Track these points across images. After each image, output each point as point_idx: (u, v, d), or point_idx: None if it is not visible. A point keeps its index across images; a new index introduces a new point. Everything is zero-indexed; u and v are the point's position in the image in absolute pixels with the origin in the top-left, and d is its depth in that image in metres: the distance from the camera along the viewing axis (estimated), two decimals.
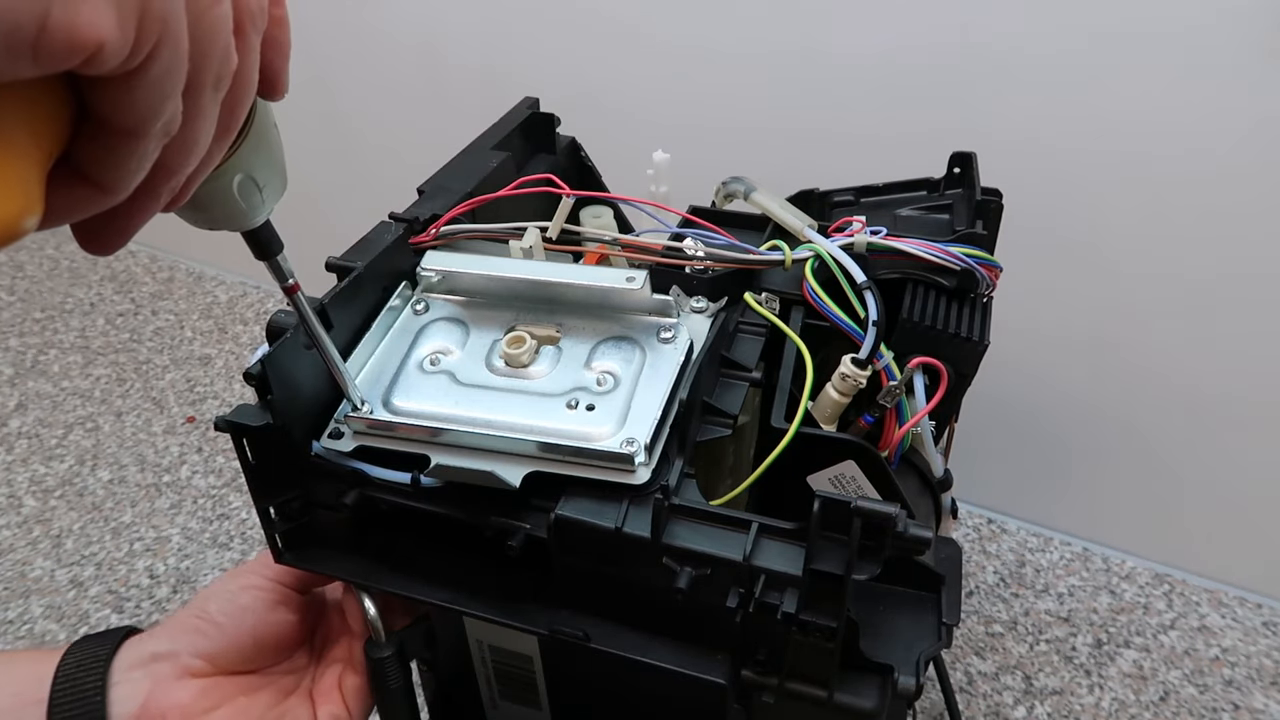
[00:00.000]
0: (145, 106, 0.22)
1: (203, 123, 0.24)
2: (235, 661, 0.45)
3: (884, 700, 0.38)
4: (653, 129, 0.84)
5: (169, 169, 0.24)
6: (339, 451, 0.42)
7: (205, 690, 0.44)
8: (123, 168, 0.23)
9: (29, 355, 1.11)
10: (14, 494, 0.92)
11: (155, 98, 0.22)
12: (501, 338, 0.45)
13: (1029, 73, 0.68)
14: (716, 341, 0.45)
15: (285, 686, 0.47)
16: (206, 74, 0.23)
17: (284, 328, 0.41)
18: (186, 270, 1.26)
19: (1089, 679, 0.74)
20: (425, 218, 0.50)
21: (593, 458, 0.39)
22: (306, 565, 0.45)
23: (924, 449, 0.50)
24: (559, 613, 0.41)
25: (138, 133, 0.22)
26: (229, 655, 0.45)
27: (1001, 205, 0.54)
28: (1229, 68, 0.62)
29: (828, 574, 0.35)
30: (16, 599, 0.81)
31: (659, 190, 0.57)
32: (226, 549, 0.86)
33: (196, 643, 0.44)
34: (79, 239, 0.25)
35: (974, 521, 0.88)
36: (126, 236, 0.26)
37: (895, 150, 0.67)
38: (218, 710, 0.43)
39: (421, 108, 0.95)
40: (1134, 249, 0.71)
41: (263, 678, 0.47)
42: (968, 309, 0.48)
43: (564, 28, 0.84)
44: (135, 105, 0.21)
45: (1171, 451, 0.79)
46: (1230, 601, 0.80)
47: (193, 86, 0.23)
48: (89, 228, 0.25)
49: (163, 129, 0.23)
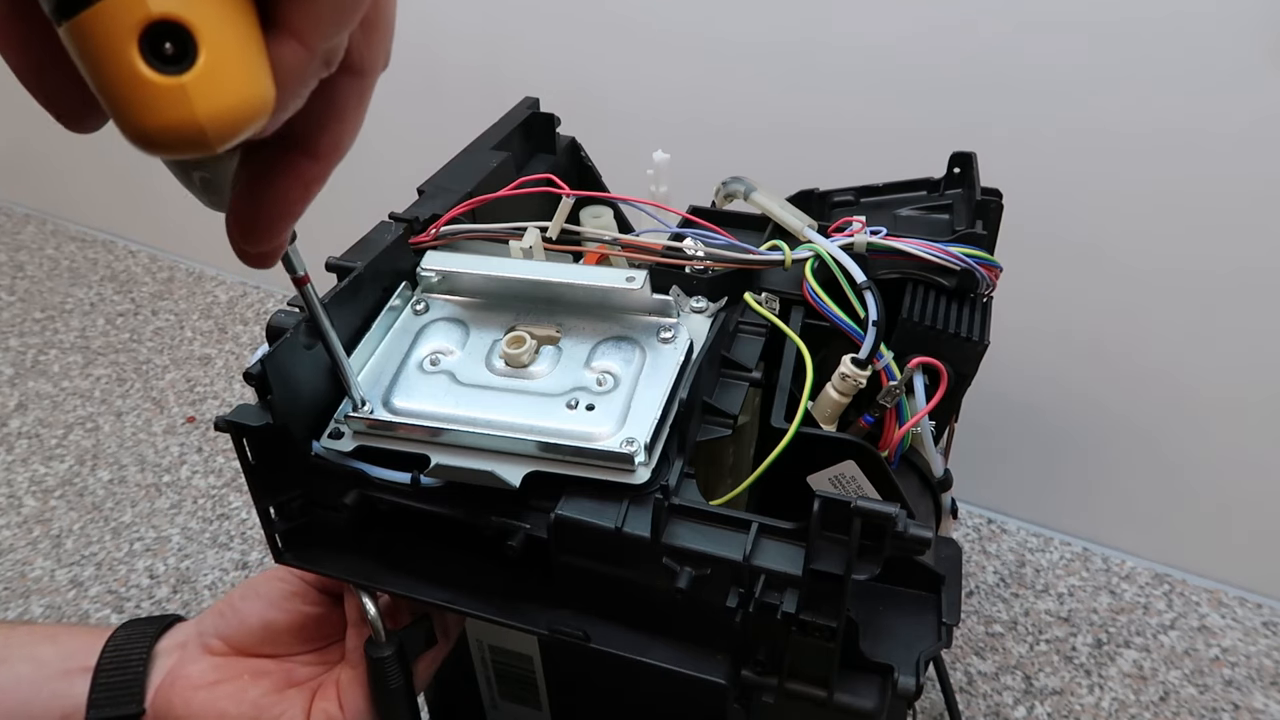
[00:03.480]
0: (326, 12, 0.21)
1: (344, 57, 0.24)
2: (248, 643, 0.48)
3: (884, 700, 0.38)
4: (653, 129, 0.84)
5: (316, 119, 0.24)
6: (339, 451, 0.42)
7: (216, 666, 0.47)
8: (287, 75, 0.22)
9: (29, 355, 1.11)
10: (14, 494, 0.92)
11: (335, 10, 0.21)
12: (501, 338, 0.45)
13: (1028, 72, 0.68)
14: (716, 341, 0.45)
15: (296, 677, 0.48)
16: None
17: (284, 328, 0.41)
18: (186, 270, 1.26)
19: (1089, 679, 0.74)
20: (425, 218, 0.50)
21: (593, 458, 0.39)
22: (306, 565, 0.45)
23: (924, 449, 0.49)
24: (559, 613, 0.41)
25: (308, 41, 0.21)
26: (241, 636, 0.48)
27: (1001, 205, 0.54)
28: (1229, 67, 0.62)
29: (828, 574, 0.35)
30: (16, 599, 0.81)
31: (659, 190, 0.57)
32: (226, 549, 0.86)
33: (217, 624, 0.48)
34: (239, 236, 0.25)
35: (974, 521, 0.88)
36: (283, 208, 0.26)
37: (895, 150, 0.67)
38: (220, 685, 0.46)
39: (421, 108, 0.95)
40: (1134, 249, 0.71)
41: (277, 664, 0.48)
42: (968, 309, 0.48)
43: (564, 28, 0.84)
44: (318, 10, 0.21)
45: (1171, 451, 0.79)
46: (1230, 601, 0.80)
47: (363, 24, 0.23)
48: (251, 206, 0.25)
49: (326, 54, 0.22)
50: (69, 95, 0.22)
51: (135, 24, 0.18)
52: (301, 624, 0.49)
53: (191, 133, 0.20)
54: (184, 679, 0.46)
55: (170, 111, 0.19)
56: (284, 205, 0.26)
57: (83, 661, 0.46)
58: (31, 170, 1.36)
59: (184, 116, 0.19)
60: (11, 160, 1.37)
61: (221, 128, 0.20)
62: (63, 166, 1.32)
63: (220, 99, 0.20)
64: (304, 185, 0.25)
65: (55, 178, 1.34)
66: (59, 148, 1.27)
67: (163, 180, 0.27)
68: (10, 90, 0.24)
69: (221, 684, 0.46)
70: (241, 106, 0.20)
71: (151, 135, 0.20)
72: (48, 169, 1.34)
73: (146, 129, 0.20)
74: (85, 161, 1.28)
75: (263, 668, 0.48)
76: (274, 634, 0.48)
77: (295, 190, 0.25)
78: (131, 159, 0.49)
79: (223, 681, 0.46)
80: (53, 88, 0.22)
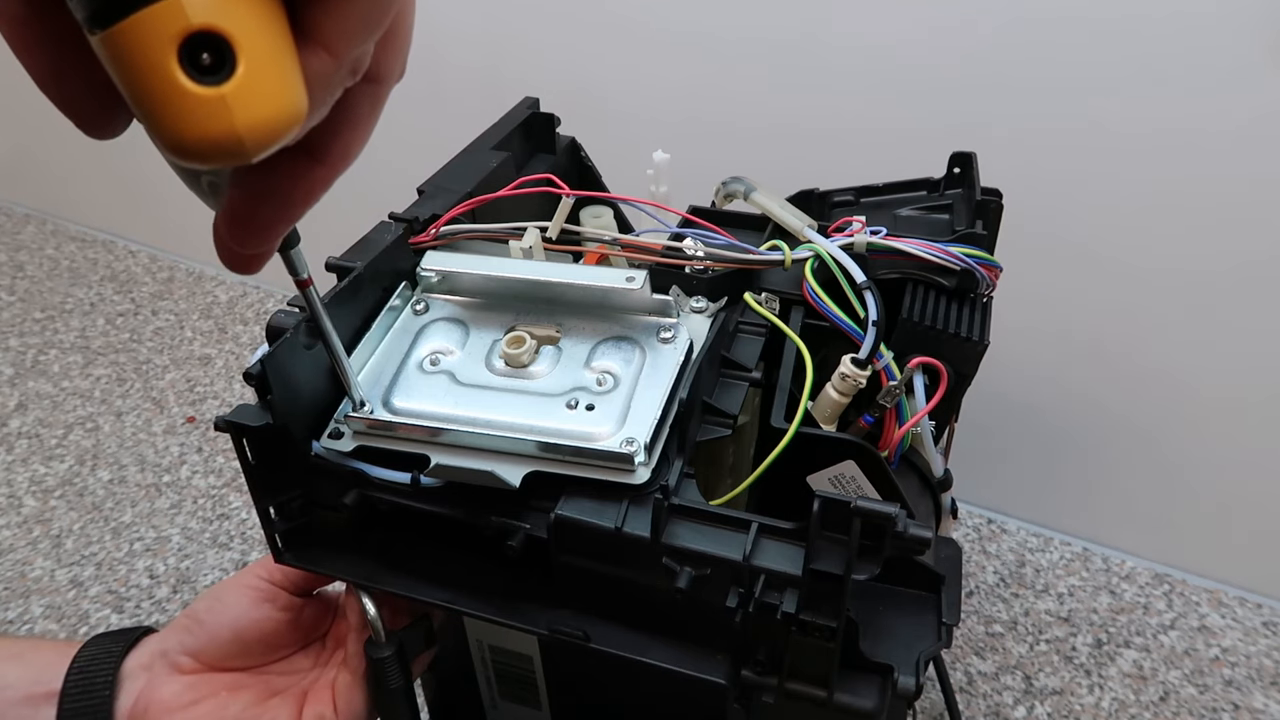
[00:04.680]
0: (356, 23, 0.22)
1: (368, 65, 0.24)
2: (219, 657, 0.46)
3: (884, 700, 0.38)
4: (653, 129, 0.84)
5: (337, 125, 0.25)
6: (339, 451, 0.42)
7: (190, 686, 0.45)
8: (316, 84, 0.22)
9: (29, 355, 1.11)
10: (14, 494, 0.92)
11: (364, 20, 0.22)
12: (501, 338, 0.45)
13: (1028, 72, 0.68)
14: (716, 341, 0.45)
15: (276, 686, 0.47)
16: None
17: (284, 328, 0.41)
18: (186, 270, 1.26)
19: (1089, 679, 0.74)
20: (425, 218, 0.50)
21: (592, 458, 0.39)
22: (306, 565, 0.45)
23: (924, 449, 0.49)
24: (559, 613, 0.41)
25: (337, 51, 0.22)
26: (211, 651, 0.46)
27: (1001, 205, 0.54)
28: (1229, 66, 0.62)
29: (827, 574, 0.35)
30: (16, 599, 0.81)
31: (659, 190, 0.57)
32: (226, 549, 0.86)
33: (184, 640, 0.46)
34: (230, 236, 0.25)
35: (974, 521, 0.88)
36: (275, 221, 0.26)
37: (895, 150, 0.67)
38: (198, 705, 0.44)
39: (421, 108, 0.95)
40: (1134, 248, 0.71)
41: (252, 676, 0.47)
42: (968, 309, 0.48)
43: (564, 28, 0.84)
44: (348, 20, 0.21)
45: (1171, 451, 0.79)
46: (1230, 601, 0.80)
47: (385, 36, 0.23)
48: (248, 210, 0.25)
49: (352, 63, 0.22)
50: (89, 102, 0.22)
51: (175, 35, 0.19)
52: (274, 629, 0.47)
53: (230, 143, 0.20)
54: (157, 704, 0.44)
55: (210, 123, 0.19)
56: (284, 208, 0.25)
57: (48, 685, 0.43)
58: (31, 170, 1.36)
59: (223, 127, 0.19)
60: (12, 161, 1.37)
61: (259, 137, 0.20)
62: (63, 167, 1.32)
63: (258, 109, 0.20)
64: (307, 190, 0.25)
65: (55, 178, 1.34)
66: (59, 148, 1.27)
67: (163, 180, 0.27)
68: (11, 91, 0.24)
69: (198, 704, 0.44)
70: (278, 116, 0.20)
71: (190, 146, 0.20)
72: (48, 169, 1.34)
73: (186, 140, 0.20)
74: (85, 162, 1.28)
75: (239, 681, 0.46)
76: (246, 645, 0.47)
77: (298, 194, 0.25)
78: (131, 159, 0.49)
79: (199, 701, 0.44)
80: (72, 94, 0.22)
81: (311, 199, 0.25)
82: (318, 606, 0.50)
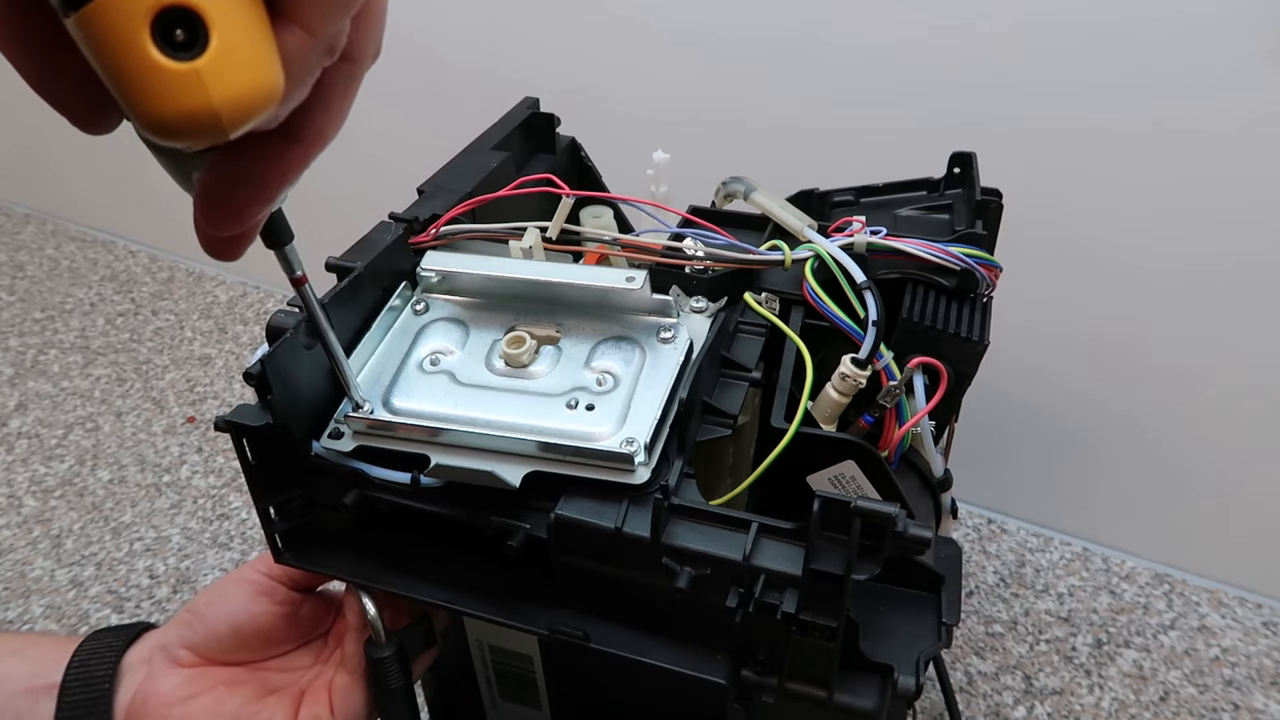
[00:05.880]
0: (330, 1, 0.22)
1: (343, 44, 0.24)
2: (217, 651, 0.46)
3: (884, 700, 0.38)
4: (653, 129, 0.84)
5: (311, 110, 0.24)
6: (339, 451, 0.42)
7: (189, 679, 0.45)
8: (294, 63, 0.22)
9: (29, 355, 1.11)
10: (14, 494, 0.92)
11: None
12: (501, 338, 0.45)
13: (1028, 72, 0.68)
14: (716, 341, 0.45)
15: (274, 684, 0.47)
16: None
17: (284, 328, 0.41)
18: (186, 270, 1.26)
19: (1089, 679, 0.74)
20: (425, 218, 0.50)
21: (592, 458, 0.39)
22: (306, 565, 0.45)
23: (924, 449, 0.49)
24: (559, 613, 0.41)
25: (312, 28, 0.22)
26: (209, 644, 0.46)
27: (1001, 205, 0.54)
28: (1228, 66, 0.62)
29: (827, 574, 0.35)
30: (16, 599, 0.81)
31: (659, 190, 0.57)
32: (226, 549, 0.86)
33: (183, 633, 0.46)
34: (206, 219, 0.25)
35: (974, 521, 0.88)
36: (255, 200, 0.25)
37: (895, 150, 0.67)
38: (194, 700, 0.44)
39: (422, 108, 0.95)
40: (1134, 248, 0.71)
41: (250, 672, 0.47)
42: (968, 309, 0.48)
43: (564, 28, 0.84)
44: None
45: (1171, 451, 0.79)
46: (1230, 601, 0.80)
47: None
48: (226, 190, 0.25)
49: (330, 40, 0.22)
50: (80, 97, 0.22)
51: (146, 11, 0.19)
52: (271, 624, 0.47)
53: (206, 118, 0.20)
54: (155, 697, 0.44)
55: (185, 98, 0.19)
56: (260, 189, 0.25)
57: (49, 678, 0.44)
58: (31, 170, 1.36)
59: (199, 102, 0.20)
60: (12, 161, 1.37)
61: (235, 112, 0.20)
62: (63, 167, 1.32)
63: (233, 83, 0.20)
64: (283, 169, 0.25)
65: (55, 178, 1.34)
66: (59, 148, 1.27)
67: (163, 180, 0.27)
68: (10, 91, 0.24)
69: (196, 698, 0.44)
70: (254, 90, 0.20)
71: (166, 122, 0.20)
72: (48, 169, 1.34)
73: (162, 116, 0.20)
74: (85, 162, 1.28)
75: (236, 676, 0.46)
76: (243, 639, 0.47)
77: (274, 174, 0.25)
78: (131, 159, 0.49)
79: (197, 695, 0.45)
80: (63, 90, 0.22)
81: (287, 180, 0.25)
82: (318, 603, 0.50)
